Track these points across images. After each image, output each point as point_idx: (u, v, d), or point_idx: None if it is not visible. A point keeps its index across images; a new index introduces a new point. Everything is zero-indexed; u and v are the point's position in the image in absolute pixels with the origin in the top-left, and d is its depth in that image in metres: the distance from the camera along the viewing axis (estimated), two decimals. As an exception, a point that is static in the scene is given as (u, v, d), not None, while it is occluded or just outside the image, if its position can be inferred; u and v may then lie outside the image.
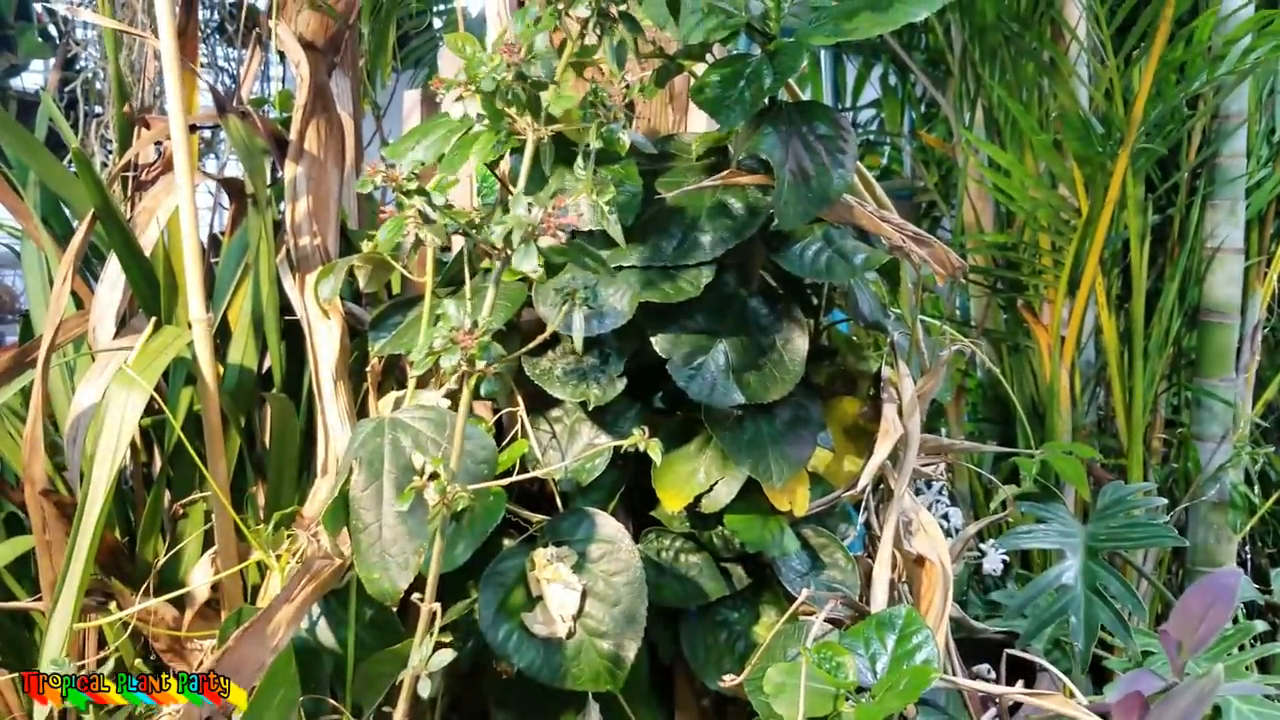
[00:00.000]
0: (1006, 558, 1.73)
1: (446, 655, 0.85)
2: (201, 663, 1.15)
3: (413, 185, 0.89)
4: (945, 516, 1.75)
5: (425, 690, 0.86)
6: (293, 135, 1.32)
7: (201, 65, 2.44)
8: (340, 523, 0.97)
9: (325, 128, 1.37)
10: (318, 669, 1.06)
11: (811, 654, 0.92)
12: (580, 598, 1.01)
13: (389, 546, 0.94)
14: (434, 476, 0.84)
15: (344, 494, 0.94)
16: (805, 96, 2.86)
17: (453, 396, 1.09)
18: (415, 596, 0.88)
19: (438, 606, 0.87)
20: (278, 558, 1.11)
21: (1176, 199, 2.06)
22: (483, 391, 1.22)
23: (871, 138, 2.98)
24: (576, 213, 0.94)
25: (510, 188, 1.18)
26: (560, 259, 0.92)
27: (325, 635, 1.08)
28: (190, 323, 1.12)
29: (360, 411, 1.18)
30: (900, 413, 1.18)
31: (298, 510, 1.15)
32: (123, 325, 1.27)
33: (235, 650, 0.95)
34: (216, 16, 2.38)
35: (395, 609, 1.03)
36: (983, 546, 1.67)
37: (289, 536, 1.12)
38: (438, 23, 3.03)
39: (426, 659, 0.84)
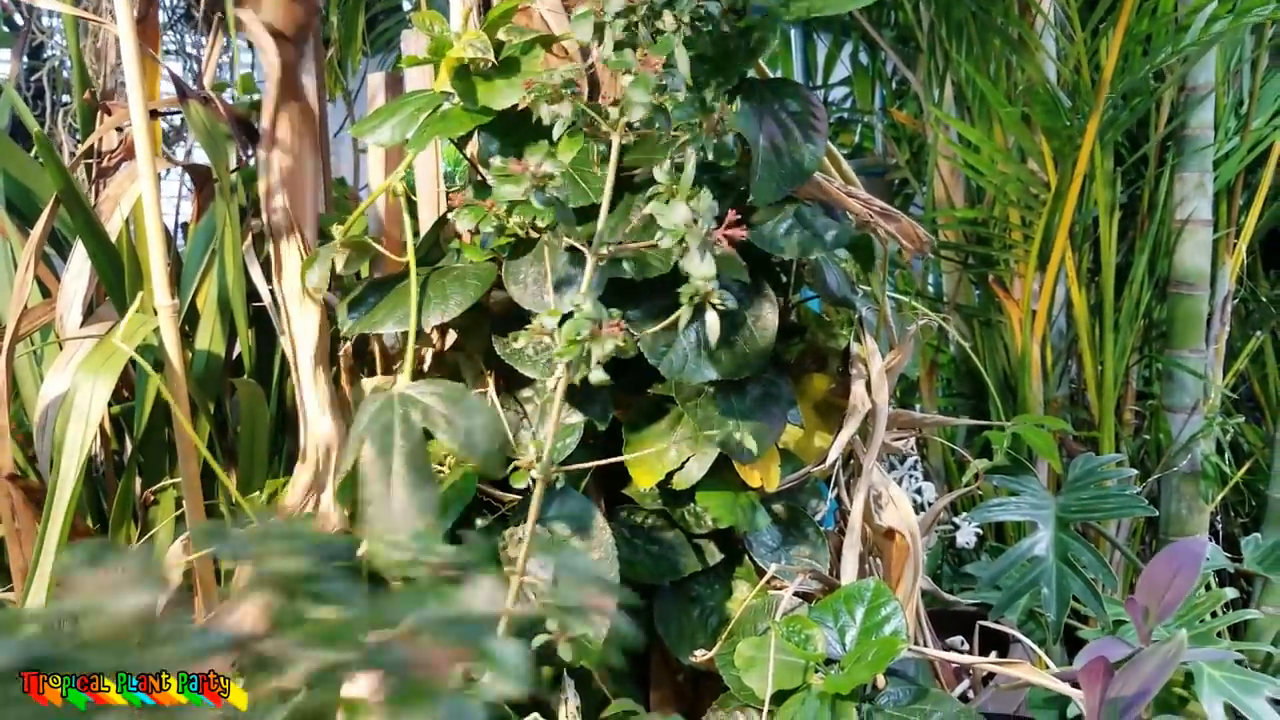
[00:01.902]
0: (980, 531, 1.75)
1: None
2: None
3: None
4: (919, 491, 1.76)
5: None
6: (264, 122, 1.31)
7: (169, 52, 2.42)
8: (349, 496, 0.98)
9: (297, 114, 1.36)
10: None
11: (781, 627, 0.93)
12: (551, 575, 1.01)
13: (398, 519, 0.95)
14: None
15: (355, 469, 0.95)
16: (777, 74, 2.87)
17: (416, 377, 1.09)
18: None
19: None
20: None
21: (1146, 171, 2.07)
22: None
23: (845, 116, 2.99)
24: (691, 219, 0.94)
25: (480, 168, 1.18)
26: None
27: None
28: (156, 309, 1.12)
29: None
30: (869, 388, 1.18)
31: (281, 491, 1.15)
32: (90, 313, 1.26)
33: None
34: (184, 3, 2.37)
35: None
36: (956, 520, 1.69)
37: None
38: (407, 4, 3.01)
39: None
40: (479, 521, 1.10)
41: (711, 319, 0.95)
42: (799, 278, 1.31)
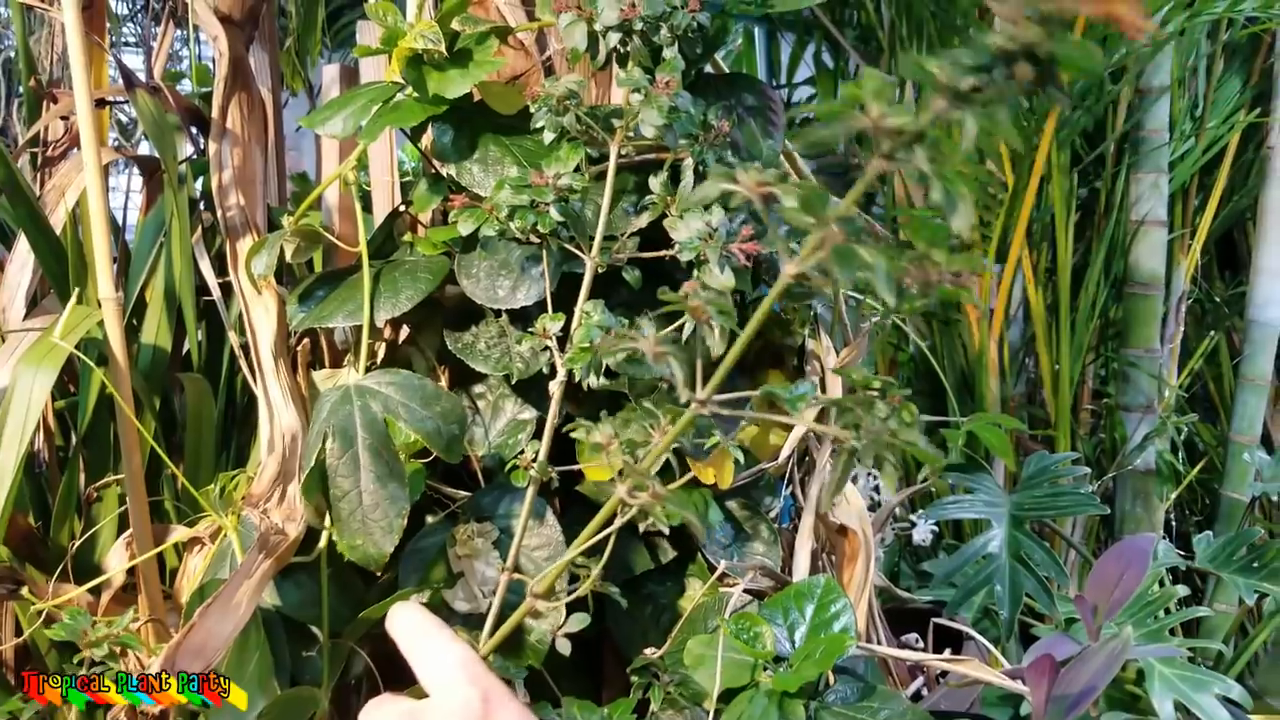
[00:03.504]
0: (936, 528, 1.76)
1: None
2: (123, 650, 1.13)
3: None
4: (876, 489, 1.76)
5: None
6: (214, 112, 1.29)
7: (129, 44, 2.39)
8: (315, 492, 0.98)
9: (246, 104, 1.34)
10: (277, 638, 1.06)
11: (730, 625, 0.92)
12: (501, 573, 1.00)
13: (370, 512, 0.96)
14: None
15: (320, 464, 0.95)
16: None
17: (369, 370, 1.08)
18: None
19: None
20: (213, 535, 1.10)
21: (1104, 171, 2.08)
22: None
23: (812, 115, 2.99)
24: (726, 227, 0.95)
25: (434, 163, 1.17)
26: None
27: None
28: (100, 302, 1.10)
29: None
30: (822, 385, 1.18)
31: (240, 480, 1.13)
32: (34, 305, 1.24)
33: (199, 627, 0.95)
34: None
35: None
36: (913, 517, 1.69)
37: (232, 513, 1.10)
38: (371, -1, 2.98)
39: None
40: (429, 519, 1.09)
41: (715, 335, 0.96)
42: (756, 274, 1.31)
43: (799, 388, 1.10)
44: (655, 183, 0.99)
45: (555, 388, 0.93)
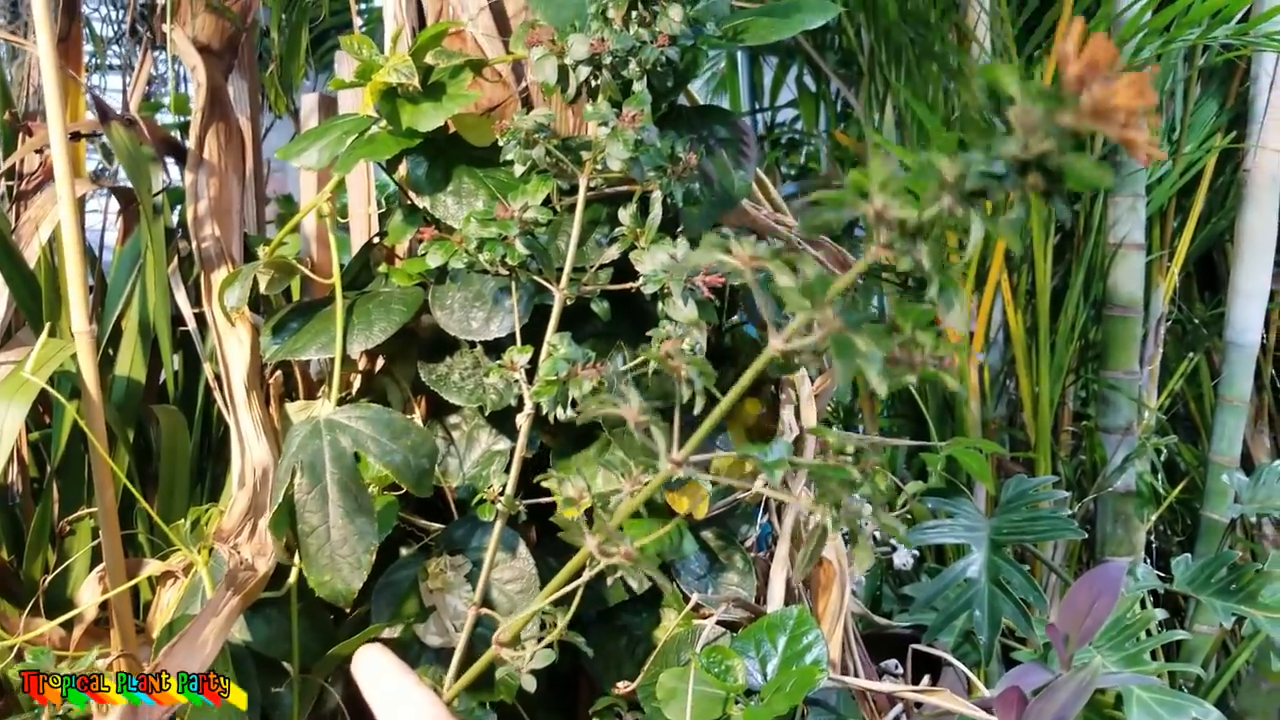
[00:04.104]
0: (918, 552, 1.76)
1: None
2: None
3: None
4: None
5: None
6: (191, 142, 1.29)
7: (112, 68, 2.39)
8: (284, 528, 0.98)
9: (224, 133, 1.34)
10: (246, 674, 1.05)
11: (701, 658, 0.92)
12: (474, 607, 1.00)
13: (339, 548, 0.96)
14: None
15: (287, 500, 0.95)
16: (724, 97, 2.87)
17: (343, 403, 1.08)
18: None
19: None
20: (186, 569, 1.09)
21: (1082, 194, 2.09)
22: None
23: (797, 137, 3.01)
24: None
25: (409, 194, 1.17)
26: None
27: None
28: (74, 334, 1.09)
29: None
30: (797, 413, 1.18)
31: (212, 513, 1.13)
32: (9, 337, 1.24)
33: (165, 665, 0.94)
34: (128, 18, 2.33)
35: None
36: (893, 542, 1.69)
37: (203, 547, 1.10)
38: (359, 21, 2.98)
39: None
40: (403, 551, 1.09)
41: (691, 392, 0.97)
42: (733, 302, 1.31)
43: (775, 449, 1.10)
44: (624, 215, 0.99)
45: (523, 420, 0.93)
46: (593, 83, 1.00)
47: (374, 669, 0.58)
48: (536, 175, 1.00)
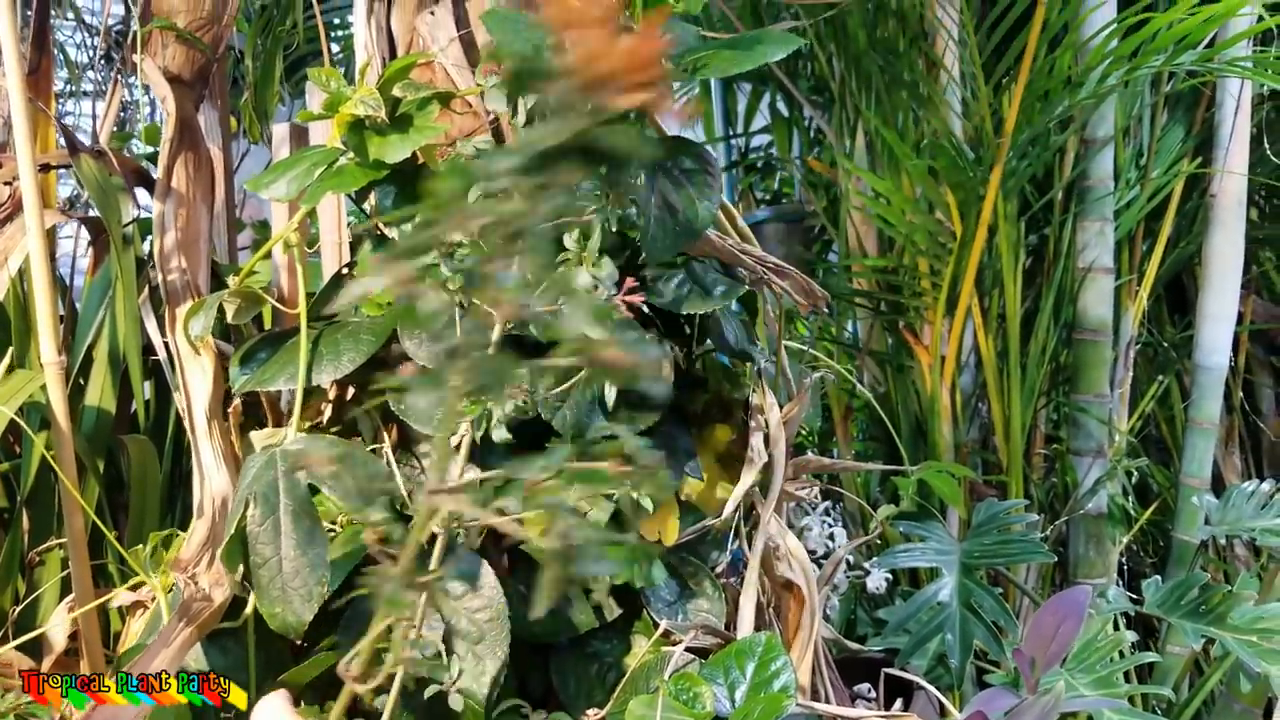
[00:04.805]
0: (890, 576, 1.76)
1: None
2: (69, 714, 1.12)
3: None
4: (831, 536, 1.77)
5: None
6: (160, 172, 1.30)
7: (86, 94, 2.38)
8: (238, 559, 0.97)
9: (193, 163, 1.35)
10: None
11: (670, 685, 0.93)
12: (441, 635, 1.00)
13: (290, 580, 0.96)
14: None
15: (240, 531, 0.95)
16: (699, 123, 2.88)
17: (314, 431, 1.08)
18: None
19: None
20: (151, 599, 1.09)
21: (1052, 218, 2.12)
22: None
23: (770, 162, 3.03)
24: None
25: (381, 225, 1.18)
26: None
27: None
28: (43, 365, 1.10)
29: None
30: (766, 440, 1.19)
31: (176, 542, 1.13)
32: (-22, 368, 1.24)
33: (114, 696, 0.94)
34: (104, 46, 2.33)
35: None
36: (866, 565, 1.70)
37: (165, 575, 1.10)
38: (335, 48, 2.99)
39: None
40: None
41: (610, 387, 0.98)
42: (704, 329, 1.32)
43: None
44: (569, 240, 1.00)
45: (461, 442, 0.94)
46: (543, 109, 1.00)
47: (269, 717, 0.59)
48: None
